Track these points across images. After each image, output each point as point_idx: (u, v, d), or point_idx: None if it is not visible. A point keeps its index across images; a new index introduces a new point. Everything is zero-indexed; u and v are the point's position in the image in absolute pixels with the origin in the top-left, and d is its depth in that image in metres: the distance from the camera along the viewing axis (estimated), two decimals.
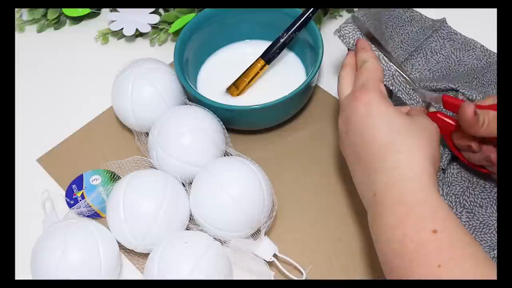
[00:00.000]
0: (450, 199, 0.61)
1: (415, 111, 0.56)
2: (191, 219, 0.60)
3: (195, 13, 0.75)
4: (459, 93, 0.64)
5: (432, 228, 0.44)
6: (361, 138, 0.51)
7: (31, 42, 0.80)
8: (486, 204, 0.60)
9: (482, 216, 0.59)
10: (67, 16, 0.81)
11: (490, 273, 0.42)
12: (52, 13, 0.80)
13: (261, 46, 0.70)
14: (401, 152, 0.49)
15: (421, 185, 0.47)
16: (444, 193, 0.61)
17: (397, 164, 0.49)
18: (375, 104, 0.51)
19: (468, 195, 0.60)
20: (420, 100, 0.58)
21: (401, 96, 0.57)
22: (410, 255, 0.44)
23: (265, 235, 0.58)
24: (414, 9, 0.75)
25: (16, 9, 0.81)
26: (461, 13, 0.75)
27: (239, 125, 0.67)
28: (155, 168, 0.63)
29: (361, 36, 0.60)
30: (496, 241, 0.58)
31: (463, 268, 0.42)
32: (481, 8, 0.75)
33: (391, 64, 0.57)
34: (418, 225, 0.45)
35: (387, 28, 0.72)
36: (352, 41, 0.60)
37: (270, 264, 0.58)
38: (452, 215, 0.46)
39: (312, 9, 0.66)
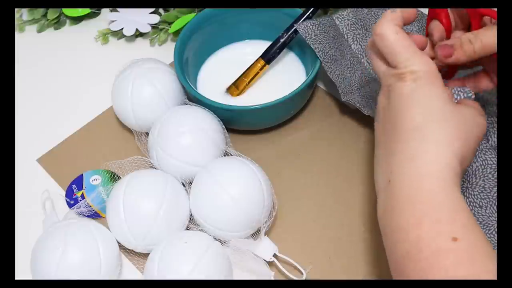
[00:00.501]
0: None
1: (470, 102, 0.50)
2: (191, 219, 0.60)
3: (195, 13, 0.75)
4: None
5: (451, 235, 0.41)
6: (394, 117, 0.47)
7: (31, 42, 0.80)
8: (486, 204, 0.60)
9: (482, 216, 0.59)
10: (67, 16, 0.81)
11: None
12: (52, 13, 0.80)
13: (261, 46, 0.70)
14: (427, 142, 0.44)
15: (442, 183, 0.43)
16: None
17: (418, 153, 0.44)
18: (422, 83, 0.46)
19: (467, 195, 0.60)
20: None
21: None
22: (425, 263, 0.41)
23: (265, 235, 0.58)
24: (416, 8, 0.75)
25: (16, 9, 0.81)
26: None
27: (239, 125, 0.67)
28: (155, 168, 0.63)
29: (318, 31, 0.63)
30: (496, 241, 0.58)
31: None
32: (481, 8, 0.75)
33: None
34: (435, 229, 0.41)
35: None
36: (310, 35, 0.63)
37: (270, 264, 0.58)
38: (474, 222, 0.42)
39: (312, 9, 0.66)
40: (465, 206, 0.43)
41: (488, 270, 0.40)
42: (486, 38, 0.50)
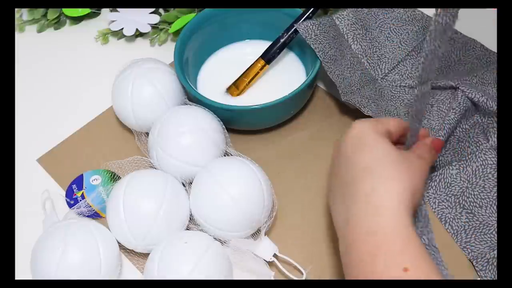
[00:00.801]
0: (450, 200, 0.61)
1: (418, 148, 0.54)
2: (191, 219, 0.60)
3: (195, 13, 0.75)
4: (459, 90, 0.64)
5: (403, 266, 0.43)
6: (345, 162, 0.50)
7: (31, 42, 0.80)
8: (486, 204, 0.60)
9: (482, 216, 0.59)
10: (67, 16, 0.81)
11: None
12: (52, 13, 0.80)
13: (261, 46, 0.70)
14: (380, 179, 0.47)
15: (396, 217, 0.45)
16: (444, 194, 0.61)
17: (374, 191, 0.46)
18: (367, 132, 0.50)
19: (467, 195, 0.60)
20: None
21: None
22: None
23: (265, 235, 0.58)
24: (417, 8, 0.75)
25: (16, 9, 0.81)
26: (461, 13, 0.75)
27: (239, 125, 0.67)
28: (155, 168, 0.63)
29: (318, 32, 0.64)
30: (496, 241, 0.58)
31: None
32: (481, 8, 0.75)
33: None
34: (389, 261, 0.43)
35: (382, 31, 0.72)
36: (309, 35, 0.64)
37: (270, 264, 0.58)
38: (424, 251, 0.44)
39: (312, 9, 0.66)
40: (417, 238, 0.45)
41: None
42: None
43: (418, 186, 0.49)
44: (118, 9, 0.79)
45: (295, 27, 0.66)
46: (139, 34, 0.79)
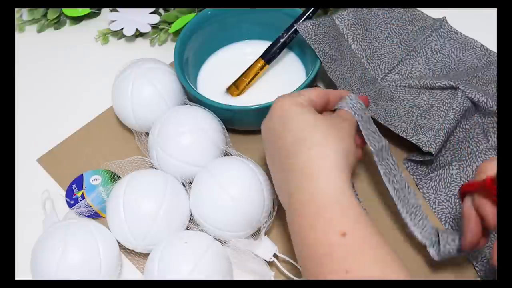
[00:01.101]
0: (450, 200, 0.61)
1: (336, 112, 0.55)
2: (191, 219, 0.60)
3: (195, 13, 0.75)
4: (459, 90, 0.64)
5: (340, 231, 0.44)
6: (277, 140, 0.51)
7: (31, 42, 0.80)
8: None
9: None
10: (67, 16, 0.81)
11: (399, 274, 0.42)
12: (52, 13, 0.80)
13: (261, 46, 0.70)
14: (312, 148, 0.48)
15: (331, 183, 0.47)
16: (444, 194, 0.61)
17: (308, 161, 0.48)
18: (289, 106, 0.51)
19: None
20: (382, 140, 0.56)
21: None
22: (321, 259, 0.44)
23: (265, 235, 0.58)
24: (416, 8, 0.75)
25: (16, 9, 0.81)
26: (461, 13, 0.75)
27: (239, 125, 0.67)
28: (155, 168, 0.63)
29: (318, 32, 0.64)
30: (496, 241, 0.58)
31: (371, 272, 0.43)
32: (481, 8, 0.75)
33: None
34: (327, 227, 0.45)
35: (382, 31, 0.72)
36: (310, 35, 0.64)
37: (270, 264, 0.58)
38: (363, 215, 0.46)
39: (312, 9, 0.66)
40: (355, 202, 0.46)
41: (375, 257, 0.44)
42: None
43: (349, 147, 0.50)
44: (118, 9, 0.79)
45: (295, 27, 0.66)
46: (139, 34, 0.79)
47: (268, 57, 0.68)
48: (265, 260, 0.57)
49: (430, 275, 0.57)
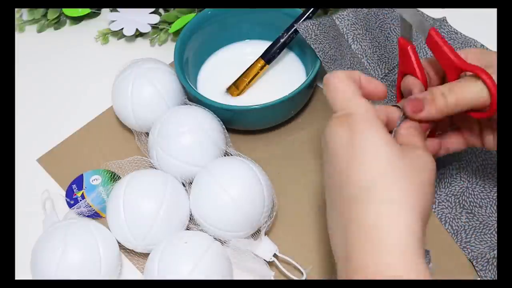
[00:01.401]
0: (450, 200, 0.61)
1: (413, 140, 0.45)
2: (191, 219, 0.60)
3: (195, 13, 0.75)
4: None
5: None
6: (338, 174, 0.42)
7: (31, 42, 0.80)
8: (486, 204, 0.60)
9: (482, 216, 0.59)
10: (67, 16, 0.81)
11: None
12: (52, 13, 0.80)
13: (261, 46, 0.70)
14: (384, 202, 0.39)
15: (402, 255, 0.38)
16: (444, 194, 0.61)
17: (377, 221, 0.39)
18: (361, 128, 0.42)
19: (467, 195, 0.61)
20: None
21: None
22: None
23: (265, 235, 0.58)
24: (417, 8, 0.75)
25: (16, 9, 0.81)
26: (461, 13, 0.75)
27: (239, 125, 0.67)
28: (155, 168, 0.63)
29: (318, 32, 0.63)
30: (496, 241, 0.58)
31: None
32: (481, 8, 0.75)
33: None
34: None
35: (382, 31, 0.72)
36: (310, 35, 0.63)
37: (270, 264, 0.58)
38: None
39: (312, 9, 0.66)
40: (428, 276, 0.39)
41: None
42: (461, 92, 0.45)
43: (429, 199, 0.41)
44: (118, 9, 0.79)
45: (295, 27, 0.66)
46: (139, 34, 0.79)
47: (268, 57, 0.68)
48: (265, 260, 0.57)
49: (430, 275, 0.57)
